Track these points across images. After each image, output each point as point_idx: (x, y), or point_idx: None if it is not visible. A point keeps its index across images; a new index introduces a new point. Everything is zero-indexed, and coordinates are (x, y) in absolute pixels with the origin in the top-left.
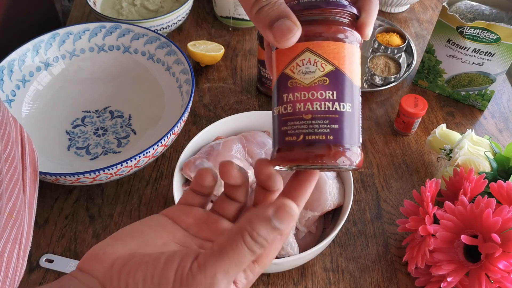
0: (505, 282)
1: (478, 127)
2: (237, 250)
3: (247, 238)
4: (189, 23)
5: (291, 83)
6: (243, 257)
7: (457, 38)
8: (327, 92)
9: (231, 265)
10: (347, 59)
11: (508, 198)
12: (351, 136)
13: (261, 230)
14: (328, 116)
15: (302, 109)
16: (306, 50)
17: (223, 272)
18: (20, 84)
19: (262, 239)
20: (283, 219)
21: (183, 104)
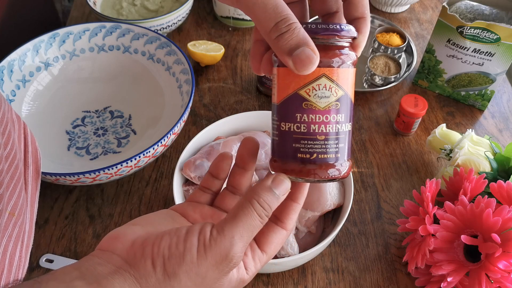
0: (505, 282)
1: (478, 127)
2: (248, 215)
3: (255, 204)
4: (189, 23)
5: (306, 105)
6: (253, 221)
7: (457, 38)
8: (338, 115)
9: (244, 229)
10: (351, 83)
11: (508, 198)
12: (350, 150)
13: (264, 196)
14: (338, 137)
15: (317, 130)
16: (323, 76)
17: (239, 235)
18: (20, 84)
19: (266, 205)
20: (279, 186)
21: (183, 104)
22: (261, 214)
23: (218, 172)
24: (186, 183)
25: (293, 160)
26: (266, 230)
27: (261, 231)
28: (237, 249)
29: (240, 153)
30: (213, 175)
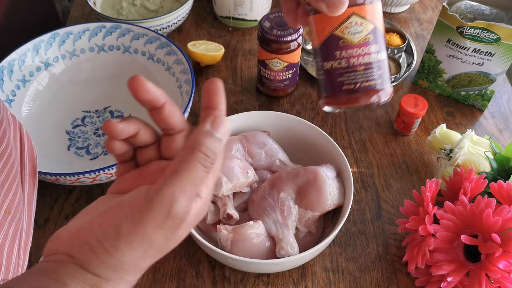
0: (505, 282)
1: (478, 127)
2: (190, 168)
3: (198, 154)
4: (189, 23)
5: (343, 42)
6: (198, 172)
7: (457, 38)
8: (372, 46)
9: (188, 183)
10: (379, 16)
11: (508, 198)
12: (389, 76)
13: (207, 142)
14: (376, 65)
15: (356, 63)
16: (353, 15)
17: (181, 190)
18: (20, 84)
19: (211, 152)
20: (219, 127)
21: (183, 104)
22: (206, 163)
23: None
24: None
25: (340, 92)
26: None
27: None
28: (180, 206)
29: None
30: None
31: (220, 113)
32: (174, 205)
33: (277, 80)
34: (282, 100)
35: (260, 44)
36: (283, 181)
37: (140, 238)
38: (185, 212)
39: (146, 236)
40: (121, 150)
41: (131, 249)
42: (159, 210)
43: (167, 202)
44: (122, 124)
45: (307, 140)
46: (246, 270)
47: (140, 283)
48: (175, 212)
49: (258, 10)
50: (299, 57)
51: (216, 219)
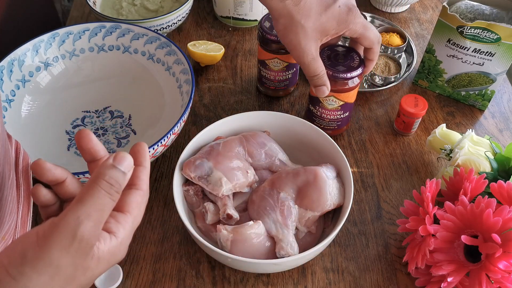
0: (506, 282)
1: (478, 127)
2: (94, 194)
3: (101, 182)
4: (189, 23)
5: (322, 105)
6: (102, 199)
7: (457, 38)
8: (339, 112)
9: (92, 208)
10: (352, 95)
11: (508, 198)
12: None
13: (109, 173)
14: (337, 120)
15: (326, 117)
16: (332, 96)
17: (86, 214)
18: (19, 84)
19: (114, 180)
20: (121, 161)
21: (183, 104)
22: (110, 191)
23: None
24: (186, 183)
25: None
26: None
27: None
28: (85, 228)
29: None
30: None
31: (123, 153)
32: (80, 227)
33: (277, 80)
34: (282, 100)
35: (260, 44)
36: (283, 181)
37: (45, 263)
38: (92, 236)
39: (52, 261)
40: (46, 198)
41: (37, 274)
42: (64, 233)
43: (72, 225)
44: (51, 165)
45: (307, 140)
46: (246, 270)
47: (140, 283)
48: (81, 234)
49: (258, 10)
50: None
51: (216, 219)
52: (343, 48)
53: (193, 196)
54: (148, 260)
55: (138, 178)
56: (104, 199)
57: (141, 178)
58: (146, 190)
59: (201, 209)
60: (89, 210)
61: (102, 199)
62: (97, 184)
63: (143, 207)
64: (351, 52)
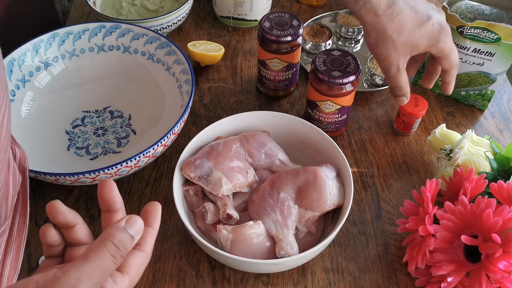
0: (505, 282)
1: (478, 127)
2: (100, 256)
3: (109, 244)
4: (189, 23)
5: (319, 109)
6: (107, 261)
7: (457, 38)
8: (336, 115)
9: (95, 270)
10: (349, 99)
11: (508, 198)
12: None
13: (119, 236)
14: (336, 122)
15: (323, 120)
16: (329, 100)
17: (87, 275)
18: (19, 84)
19: (121, 244)
20: (132, 225)
21: (183, 104)
22: (115, 254)
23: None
24: (186, 183)
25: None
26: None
27: None
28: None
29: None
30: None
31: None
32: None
33: (277, 80)
34: (282, 100)
35: (260, 44)
36: (283, 181)
37: None
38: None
39: None
40: (53, 239)
41: None
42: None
43: (72, 283)
44: (65, 208)
45: (307, 140)
46: (246, 270)
47: (140, 283)
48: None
49: (258, 10)
50: (299, 57)
51: (216, 219)
52: (339, 52)
53: (193, 196)
54: None
55: (144, 239)
56: (108, 262)
57: (147, 240)
58: (149, 253)
59: (201, 209)
60: (91, 272)
61: (106, 262)
62: (104, 245)
63: (142, 269)
64: (347, 57)
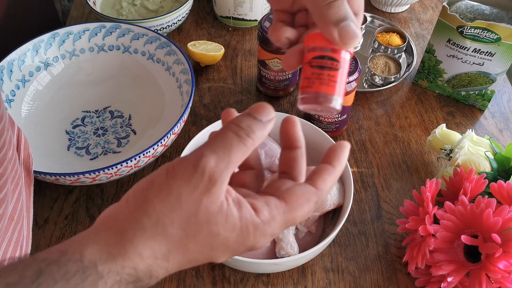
0: (505, 282)
1: (478, 127)
2: (222, 133)
3: (231, 125)
4: (189, 23)
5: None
6: (230, 138)
7: (457, 38)
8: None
9: (218, 145)
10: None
11: (508, 198)
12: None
13: (244, 118)
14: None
15: (324, 120)
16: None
17: (211, 149)
18: (19, 84)
19: (245, 124)
20: (260, 111)
21: (183, 104)
22: (238, 132)
23: None
24: None
25: None
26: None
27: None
28: (207, 160)
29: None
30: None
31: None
32: (202, 159)
33: (277, 80)
34: (282, 100)
35: (260, 44)
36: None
37: (167, 191)
38: (215, 171)
39: (174, 189)
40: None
41: (160, 201)
42: (186, 165)
43: (196, 158)
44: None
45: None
46: (246, 270)
47: None
48: (203, 165)
49: (258, 10)
50: None
51: None
52: None
53: None
54: None
55: (318, 174)
56: (232, 138)
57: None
58: (322, 190)
59: None
60: (214, 146)
61: (229, 139)
62: (226, 127)
63: (307, 206)
64: None
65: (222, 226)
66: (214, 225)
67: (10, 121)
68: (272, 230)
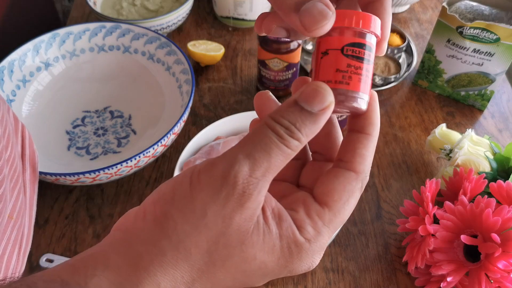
0: (505, 282)
1: (478, 127)
2: (260, 133)
3: (269, 120)
4: (189, 23)
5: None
6: (268, 140)
7: (457, 38)
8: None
9: (255, 148)
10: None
11: (507, 198)
12: None
13: (286, 112)
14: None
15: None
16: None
17: (245, 153)
18: (20, 84)
19: (286, 121)
20: (309, 97)
21: (183, 104)
22: (279, 131)
23: None
24: None
25: None
26: (324, 176)
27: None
28: (240, 168)
29: None
30: None
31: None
32: (234, 167)
33: (277, 80)
34: (282, 100)
35: (260, 44)
36: None
37: (192, 206)
38: (247, 181)
39: (198, 204)
40: None
41: (182, 219)
42: (217, 171)
43: (227, 164)
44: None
45: None
46: None
47: None
48: (234, 174)
49: (258, 10)
50: (299, 57)
51: None
52: None
53: None
54: None
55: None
56: (271, 140)
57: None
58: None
59: None
60: (250, 149)
61: (268, 140)
62: (264, 123)
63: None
64: None
65: (259, 248)
66: (249, 247)
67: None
68: (320, 246)
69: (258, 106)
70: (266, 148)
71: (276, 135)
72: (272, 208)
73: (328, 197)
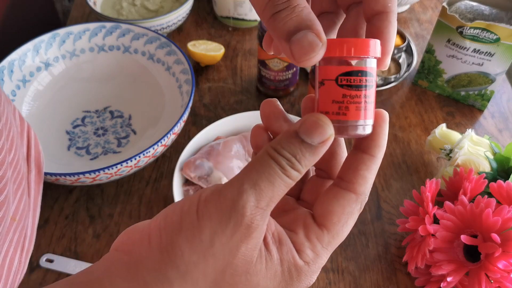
0: (505, 282)
1: (478, 127)
2: (263, 162)
3: (271, 151)
4: (189, 23)
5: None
6: (272, 170)
7: (457, 38)
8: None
9: (260, 178)
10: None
11: (507, 198)
12: None
13: (287, 144)
14: None
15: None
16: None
17: (251, 183)
18: (20, 84)
19: (290, 154)
20: (310, 130)
21: (183, 104)
22: (281, 162)
23: None
24: (186, 183)
25: None
26: (324, 195)
27: (317, 195)
28: (248, 199)
29: None
30: None
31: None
32: (242, 198)
33: (277, 80)
34: (282, 100)
35: (260, 44)
36: None
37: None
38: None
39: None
40: None
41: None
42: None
43: (234, 194)
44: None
45: None
46: None
47: None
48: (243, 205)
49: None
50: None
51: None
52: None
53: None
54: None
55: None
56: (275, 171)
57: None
58: (361, 194)
59: None
60: (255, 179)
61: (272, 171)
62: (267, 152)
63: (349, 218)
64: None
65: (262, 276)
66: (253, 276)
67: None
68: (319, 267)
69: (265, 114)
70: (270, 178)
71: (279, 166)
72: (272, 232)
73: (328, 220)
